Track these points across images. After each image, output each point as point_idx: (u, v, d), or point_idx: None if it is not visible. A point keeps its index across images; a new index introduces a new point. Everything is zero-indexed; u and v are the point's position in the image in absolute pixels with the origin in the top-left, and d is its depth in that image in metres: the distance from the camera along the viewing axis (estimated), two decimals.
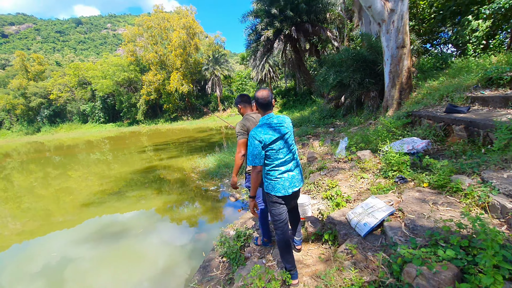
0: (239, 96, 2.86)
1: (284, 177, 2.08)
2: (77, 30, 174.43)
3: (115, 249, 4.41)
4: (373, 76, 8.34)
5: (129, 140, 23.51)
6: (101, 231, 5.16)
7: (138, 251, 4.24)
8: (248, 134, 2.34)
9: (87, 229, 5.33)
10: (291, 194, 2.12)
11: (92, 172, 10.90)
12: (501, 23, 9.14)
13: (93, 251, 4.40)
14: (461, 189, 2.37)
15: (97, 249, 4.47)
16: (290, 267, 2.17)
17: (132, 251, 4.26)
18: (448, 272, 1.57)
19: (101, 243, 4.69)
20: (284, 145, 2.07)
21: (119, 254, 4.23)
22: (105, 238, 4.85)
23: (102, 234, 5.04)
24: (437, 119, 4.20)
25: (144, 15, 41.17)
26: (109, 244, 4.63)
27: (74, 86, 47.53)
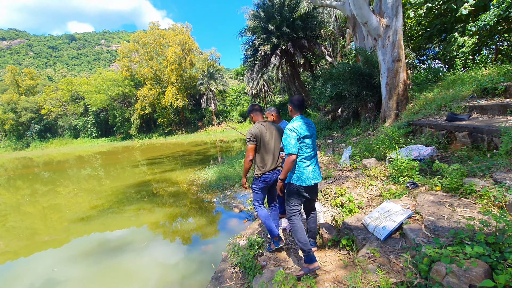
0: (251, 105, 3.09)
1: (309, 169, 2.44)
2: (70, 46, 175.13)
3: (111, 267, 4.15)
4: (369, 88, 8.60)
5: (122, 155, 23.17)
6: (95, 249, 4.86)
7: (140, 267, 4.04)
8: (256, 140, 2.82)
9: (76, 248, 4.99)
10: (313, 185, 2.47)
11: (82, 188, 10.51)
12: (486, 39, 9.67)
13: (84, 271, 4.10)
14: (475, 190, 2.43)
15: (90, 269, 4.16)
16: (308, 250, 2.37)
17: (134, 267, 4.05)
18: (478, 268, 1.59)
19: (96, 261, 4.38)
20: (311, 142, 2.46)
21: (117, 272, 4.00)
22: (100, 256, 4.55)
23: (96, 251, 4.75)
24: (439, 127, 4.33)
25: (140, 31, 41.89)
26: (104, 262, 4.34)
27: (67, 100, 47.24)
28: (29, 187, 12.36)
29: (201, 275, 3.59)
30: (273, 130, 2.96)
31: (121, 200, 7.89)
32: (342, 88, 8.78)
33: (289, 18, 15.89)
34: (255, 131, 2.83)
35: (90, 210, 7.19)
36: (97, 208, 7.30)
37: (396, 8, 6.67)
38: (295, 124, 2.40)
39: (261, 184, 2.96)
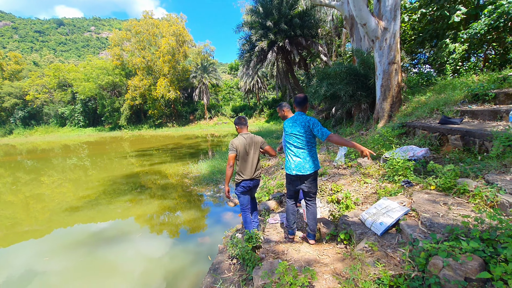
0: (239, 118, 3.47)
1: (292, 160, 2.77)
2: (58, 31, 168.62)
3: (97, 259, 4.04)
4: (364, 89, 8.75)
5: (110, 146, 22.70)
6: (80, 240, 4.74)
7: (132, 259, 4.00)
8: (236, 150, 3.24)
9: (59, 239, 4.85)
10: (294, 175, 2.78)
11: (67, 178, 10.22)
12: (476, 47, 10.00)
13: (66, 263, 3.97)
14: (468, 190, 2.55)
15: (73, 260, 4.03)
16: (289, 225, 2.99)
17: (123, 259, 4.00)
18: (473, 262, 1.69)
19: (81, 253, 4.24)
20: (295, 136, 2.73)
21: (104, 264, 3.92)
22: (86, 247, 4.44)
23: (81, 243, 4.62)
24: (432, 130, 4.48)
25: (133, 20, 40.73)
26: (90, 254, 4.22)
27: (53, 87, 45.66)
28: (11, 175, 11.94)
29: (197, 267, 3.62)
30: (253, 142, 3.34)
31: (108, 191, 7.75)
32: (338, 88, 8.89)
33: (287, 15, 15.87)
34: (237, 143, 3.25)
35: (76, 201, 7.03)
36: (83, 199, 7.14)
37: (395, 11, 6.79)
38: (287, 120, 2.92)
39: (241, 189, 3.36)
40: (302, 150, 2.72)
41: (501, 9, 7.63)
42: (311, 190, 2.80)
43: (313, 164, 2.73)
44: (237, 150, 3.24)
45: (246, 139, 3.30)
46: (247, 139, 3.30)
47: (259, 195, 5.15)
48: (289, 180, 2.89)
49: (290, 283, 2.04)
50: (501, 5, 7.69)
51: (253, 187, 3.43)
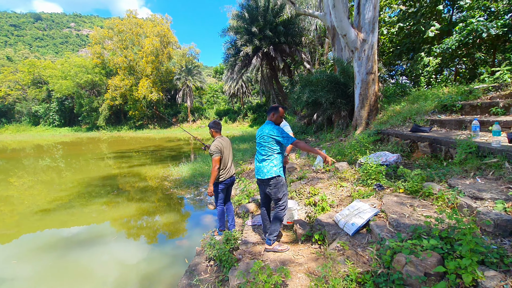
0: (214, 122, 3.78)
1: (256, 164, 3.00)
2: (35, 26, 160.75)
3: (68, 264, 3.85)
4: (344, 97, 9.08)
5: (87, 147, 21.82)
6: (52, 245, 4.49)
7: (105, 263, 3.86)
8: (221, 153, 3.55)
9: (27, 244, 4.57)
10: (257, 179, 3.00)
11: (39, 180, 9.64)
12: (448, 61, 10.69)
13: (34, 269, 3.76)
14: (432, 193, 2.73)
15: (42, 266, 3.82)
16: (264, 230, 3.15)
17: (96, 264, 3.83)
18: (432, 258, 1.82)
19: (51, 258, 4.03)
20: (259, 143, 2.94)
21: (75, 269, 3.74)
22: (57, 252, 4.21)
23: (53, 247, 4.39)
24: (404, 137, 4.74)
25: (115, 18, 39.76)
26: (61, 258, 4.01)
27: (27, 84, 43.39)
28: None
29: (174, 269, 3.57)
30: (229, 144, 3.78)
31: (83, 194, 7.41)
32: (319, 95, 9.16)
33: (272, 22, 16.20)
34: (219, 145, 3.56)
35: (47, 204, 6.64)
36: (55, 202, 6.77)
37: (373, 24, 7.15)
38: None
39: (222, 186, 3.74)
40: (263, 156, 2.87)
41: (471, 27, 8.18)
42: (272, 196, 2.88)
43: (271, 170, 2.82)
44: (221, 153, 3.58)
45: (225, 142, 3.71)
46: (225, 142, 3.71)
47: (240, 198, 5.18)
48: (257, 184, 3.13)
49: (264, 281, 2.08)
50: (471, 23, 8.26)
51: (230, 184, 3.90)
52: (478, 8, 9.69)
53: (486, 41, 9.07)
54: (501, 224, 1.95)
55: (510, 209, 2.09)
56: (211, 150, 3.55)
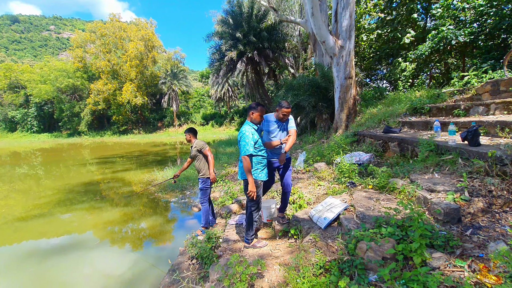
0: (192, 130, 4.30)
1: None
2: (12, 28, 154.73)
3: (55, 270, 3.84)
4: (325, 101, 9.42)
5: (68, 153, 21.20)
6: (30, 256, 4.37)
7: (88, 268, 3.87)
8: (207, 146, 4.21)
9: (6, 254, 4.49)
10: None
11: (16, 189, 9.25)
12: (423, 66, 11.31)
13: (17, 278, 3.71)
14: (396, 188, 2.99)
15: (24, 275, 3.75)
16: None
17: (78, 271, 3.81)
18: (389, 244, 2.04)
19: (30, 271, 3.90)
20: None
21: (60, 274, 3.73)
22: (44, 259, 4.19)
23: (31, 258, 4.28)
24: (377, 138, 5.05)
25: (98, 21, 39.07)
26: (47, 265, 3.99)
27: (3, 89, 41.68)
28: None
29: (158, 270, 3.63)
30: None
31: (63, 201, 7.20)
32: (301, 99, 9.46)
33: (256, 28, 16.52)
34: (204, 142, 4.26)
35: (25, 213, 6.40)
36: (33, 211, 6.53)
37: (350, 32, 7.52)
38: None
39: (210, 183, 4.20)
40: (240, 158, 2.85)
41: (441, 34, 8.72)
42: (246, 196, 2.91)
43: (243, 172, 2.84)
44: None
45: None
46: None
47: (223, 199, 5.30)
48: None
49: (241, 273, 2.23)
50: (442, 31, 8.82)
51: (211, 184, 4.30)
52: (448, 16, 10.34)
53: (456, 48, 9.69)
54: (449, 213, 2.21)
55: (458, 199, 2.35)
56: (200, 146, 4.13)
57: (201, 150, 4.14)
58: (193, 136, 4.26)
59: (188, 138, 4.26)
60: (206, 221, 4.22)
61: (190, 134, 4.24)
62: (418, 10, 11.85)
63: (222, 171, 8.03)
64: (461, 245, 2.01)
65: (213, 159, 4.16)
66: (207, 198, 4.20)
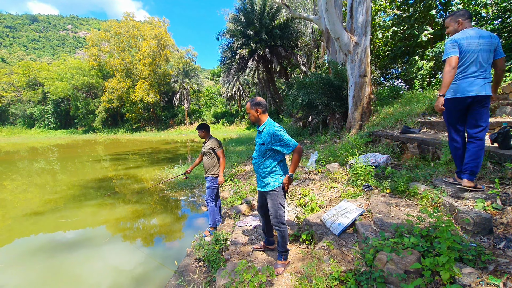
0: (205, 126, 4.13)
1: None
2: (31, 28, 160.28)
3: (62, 267, 3.82)
4: (338, 99, 9.15)
5: (83, 149, 21.69)
6: (44, 249, 4.42)
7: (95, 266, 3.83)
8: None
9: (20, 249, 4.52)
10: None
11: (33, 183, 9.50)
12: (441, 65, 10.82)
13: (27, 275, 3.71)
14: (418, 193, 2.78)
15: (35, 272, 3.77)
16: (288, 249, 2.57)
17: (87, 267, 3.80)
18: (412, 256, 1.86)
19: (45, 263, 3.98)
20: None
21: (68, 272, 3.71)
22: (50, 256, 4.16)
23: (45, 251, 4.32)
24: (394, 138, 4.80)
25: (113, 20, 39.78)
26: (55, 263, 3.97)
27: (22, 86, 43.14)
28: None
29: (164, 271, 3.56)
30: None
31: (78, 196, 7.36)
32: (313, 97, 9.23)
33: (268, 25, 16.32)
34: (219, 141, 4.15)
35: (41, 207, 6.56)
36: (49, 205, 6.69)
37: (365, 28, 7.24)
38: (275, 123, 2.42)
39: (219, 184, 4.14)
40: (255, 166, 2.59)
41: None
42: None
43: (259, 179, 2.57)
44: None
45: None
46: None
47: (232, 199, 5.19)
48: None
49: (249, 281, 2.10)
50: None
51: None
52: None
53: None
54: (480, 222, 2.00)
55: (489, 207, 2.13)
56: (215, 145, 4.04)
57: (215, 150, 4.07)
58: (207, 132, 4.16)
59: (203, 135, 4.15)
60: (214, 221, 4.20)
61: (204, 131, 4.13)
62: (437, 6, 11.36)
63: (231, 170, 7.94)
64: (494, 260, 1.80)
65: (225, 162, 4.11)
66: (213, 197, 4.16)
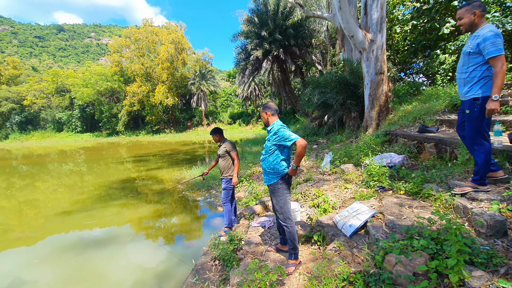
0: (218, 130, 4.37)
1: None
2: (58, 37, 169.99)
3: (89, 264, 4.08)
4: (354, 98, 9.01)
5: (107, 151, 22.77)
6: (72, 247, 4.73)
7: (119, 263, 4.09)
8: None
9: (51, 246, 4.86)
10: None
11: (63, 184, 10.21)
12: None
13: (57, 271, 4.00)
14: (432, 195, 2.74)
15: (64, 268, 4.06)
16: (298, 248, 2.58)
17: (111, 265, 4.05)
18: (421, 258, 1.87)
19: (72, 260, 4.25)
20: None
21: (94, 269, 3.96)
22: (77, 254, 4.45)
23: (73, 249, 4.62)
24: (411, 138, 4.69)
25: (132, 27, 41.35)
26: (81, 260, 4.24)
27: (51, 93, 45.89)
28: (5, 180, 11.88)
29: (182, 268, 3.74)
30: None
31: (103, 197, 7.83)
32: (328, 96, 9.15)
33: (282, 25, 16.31)
34: (234, 144, 4.29)
35: (70, 207, 7.05)
36: (77, 205, 7.17)
37: (381, 24, 7.09)
38: (282, 124, 2.55)
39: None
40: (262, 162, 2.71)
41: None
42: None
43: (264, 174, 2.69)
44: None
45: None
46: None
47: (247, 200, 5.31)
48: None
49: (260, 279, 2.19)
50: (487, 19, 8.00)
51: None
52: (494, 3, 9.33)
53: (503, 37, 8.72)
54: (493, 225, 1.96)
55: (504, 210, 2.08)
56: (229, 148, 4.21)
57: (229, 152, 4.24)
58: (221, 136, 4.37)
59: (217, 139, 4.36)
60: (229, 221, 4.33)
61: (217, 135, 4.34)
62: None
63: (247, 171, 8.06)
64: (506, 263, 1.77)
65: (239, 163, 4.25)
66: (229, 198, 4.30)
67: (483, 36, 2.22)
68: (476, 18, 2.33)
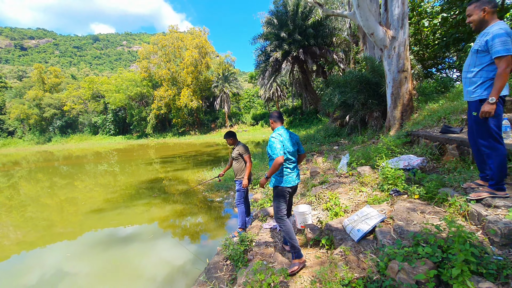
0: (231, 134, 4.47)
1: (293, 173, 2.78)
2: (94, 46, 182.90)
3: (119, 259, 4.43)
4: (376, 97, 8.69)
5: (138, 153, 24.07)
6: (105, 242, 5.17)
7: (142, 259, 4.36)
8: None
9: (89, 241, 5.31)
10: (296, 185, 2.83)
11: (98, 183, 11.07)
12: None
13: (94, 264, 4.36)
14: (447, 200, 2.60)
15: (100, 261, 4.44)
16: (298, 247, 2.62)
17: (136, 259, 4.36)
18: (425, 266, 1.80)
19: (106, 254, 4.65)
20: (293, 149, 2.79)
21: (122, 263, 4.29)
22: (110, 249, 4.85)
23: (106, 244, 5.05)
24: (433, 139, 4.45)
25: (159, 34, 43.31)
26: (113, 255, 4.62)
27: (88, 98, 49.42)
28: (49, 180, 13.11)
29: (197, 267, 3.90)
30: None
31: (133, 195, 8.38)
32: (349, 96, 8.92)
33: (302, 25, 16.16)
34: (247, 147, 4.41)
35: (104, 204, 7.66)
36: (110, 203, 7.77)
37: (402, 20, 6.79)
38: (279, 132, 2.75)
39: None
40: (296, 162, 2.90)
41: None
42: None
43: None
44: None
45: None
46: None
47: (262, 201, 5.37)
48: (288, 193, 2.82)
49: (263, 280, 2.25)
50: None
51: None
52: None
53: None
54: (508, 234, 1.84)
55: None
56: (242, 150, 4.33)
57: (242, 155, 4.35)
58: (234, 139, 4.49)
59: (231, 142, 4.49)
60: (243, 223, 4.44)
61: (231, 138, 4.47)
62: None
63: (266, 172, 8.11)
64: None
65: (251, 166, 4.32)
66: (242, 200, 4.43)
67: (492, 33, 2.09)
68: (486, 14, 2.19)
